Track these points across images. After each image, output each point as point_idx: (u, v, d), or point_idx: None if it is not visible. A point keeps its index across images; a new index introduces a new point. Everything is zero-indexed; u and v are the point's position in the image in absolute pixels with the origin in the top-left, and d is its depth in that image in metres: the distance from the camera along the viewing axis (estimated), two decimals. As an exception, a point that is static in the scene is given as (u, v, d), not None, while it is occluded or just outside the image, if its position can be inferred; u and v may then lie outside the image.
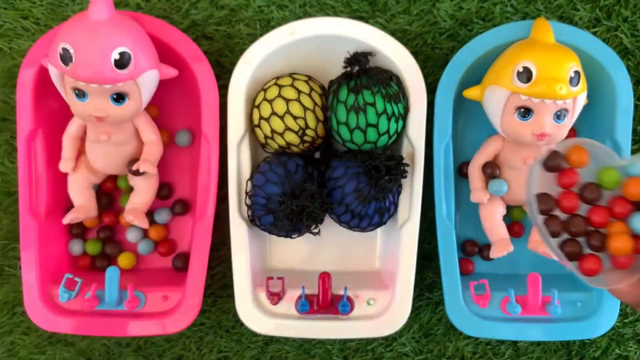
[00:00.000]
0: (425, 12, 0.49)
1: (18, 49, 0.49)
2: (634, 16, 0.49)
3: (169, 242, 0.50)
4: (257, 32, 0.49)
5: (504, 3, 0.49)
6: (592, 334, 0.46)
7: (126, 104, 0.42)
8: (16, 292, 0.50)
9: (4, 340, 0.51)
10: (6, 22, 0.49)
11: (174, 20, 0.49)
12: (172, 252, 0.50)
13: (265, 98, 0.44)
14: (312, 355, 0.51)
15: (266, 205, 0.43)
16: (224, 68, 0.49)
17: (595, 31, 0.49)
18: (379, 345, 0.51)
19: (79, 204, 0.46)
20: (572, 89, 0.41)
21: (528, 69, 0.41)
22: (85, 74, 0.39)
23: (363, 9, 0.49)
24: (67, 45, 0.39)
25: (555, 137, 0.42)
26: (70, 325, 0.45)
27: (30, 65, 0.44)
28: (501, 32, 0.45)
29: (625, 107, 0.45)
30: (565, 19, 0.49)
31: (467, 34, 0.49)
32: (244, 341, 0.51)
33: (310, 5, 0.49)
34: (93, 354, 0.51)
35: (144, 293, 0.45)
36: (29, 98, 0.45)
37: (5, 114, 0.50)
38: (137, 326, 0.45)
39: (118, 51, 0.39)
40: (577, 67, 0.41)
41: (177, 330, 0.45)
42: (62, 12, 0.49)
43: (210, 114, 0.45)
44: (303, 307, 0.44)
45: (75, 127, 0.45)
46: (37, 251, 0.45)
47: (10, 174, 0.50)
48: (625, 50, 0.49)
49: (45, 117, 0.46)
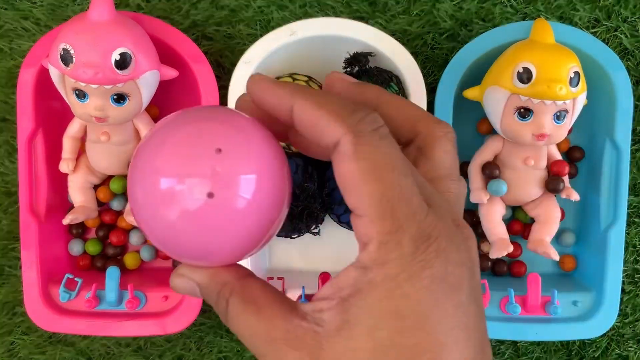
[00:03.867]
0: (425, 13, 0.49)
1: (18, 49, 0.49)
2: (634, 17, 0.49)
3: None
4: (257, 33, 0.49)
5: (504, 3, 0.49)
6: (592, 334, 0.46)
7: (127, 104, 0.42)
8: (16, 292, 0.50)
9: (4, 340, 0.51)
10: (6, 22, 0.49)
11: (174, 21, 0.49)
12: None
13: (266, 98, 0.44)
14: (312, 355, 0.51)
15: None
16: (224, 68, 0.49)
17: (595, 32, 0.49)
18: (379, 345, 0.51)
19: (79, 204, 0.46)
20: (572, 89, 0.41)
21: (528, 70, 0.41)
22: (85, 74, 0.39)
23: (363, 10, 0.49)
24: (67, 46, 0.39)
25: (555, 138, 0.43)
26: (70, 325, 0.45)
27: (30, 65, 0.44)
28: (501, 32, 0.45)
29: (624, 108, 0.45)
30: (565, 19, 0.49)
31: (467, 35, 0.49)
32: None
33: (310, 5, 0.49)
34: (93, 354, 0.51)
35: (144, 293, 0.45)
36: (30, 98, 0.45)
37: (6, 114, 0.50)
38: (138, 326, 0.45)
39: (118, 52, 0.39)
40: (577, 67, 0.41)
41: (178, 330, 0.45)
42: (63, 12, 0.49)
43: (210, 114, 0.45)
44: (303, 307, 0.44)
45: (76, 128, 0.45)
46: (38, 251, 0.45)
47: (11, 174, 0.50)
48: (625, 51, 0.49)
49: (46, 117, 0.46)
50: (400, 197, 0.18)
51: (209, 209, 0.19)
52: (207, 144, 0.20)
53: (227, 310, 0.21)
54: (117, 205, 0.49)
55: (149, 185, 0.20)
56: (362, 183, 0.18)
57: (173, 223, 0.20)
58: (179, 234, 0.20)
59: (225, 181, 0.19)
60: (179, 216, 0.20)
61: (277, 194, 0.21)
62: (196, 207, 0.19)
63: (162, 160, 0.20)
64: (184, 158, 0.20)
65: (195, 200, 0.19)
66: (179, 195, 0.19)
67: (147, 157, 0.20)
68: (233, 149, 0.20)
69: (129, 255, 0.49)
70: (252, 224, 0.20)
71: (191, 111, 0.21)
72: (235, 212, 0.20)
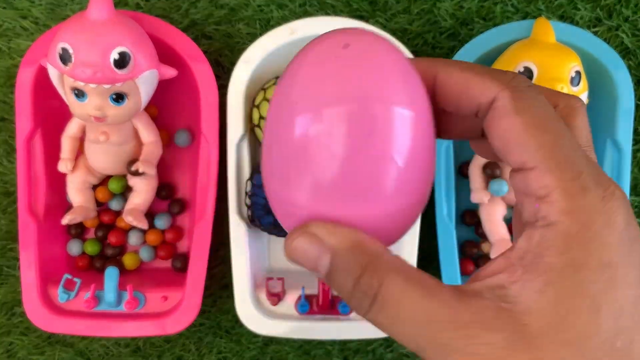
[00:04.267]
0: (426, 12, 0.49)
1: (17, 48, 0.49)
2: (635, 15, 0.49)
3: (168, 245, 0.50)
4: (257, 32, 0.49)
5: (505, 2, 0.49)
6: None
7: (126, 104, 0.41)
8: (15, 292, 0.50)
9: (2, 341, 0.50)
10: (5, 21, 0.49)
11: (173, 20, 0.49)
12: (172, 255, 0.50)
13: (265, 98, 0.43)
14: (312, 355, 0.51)
15: (266, 205, 0.43)
16: (223, 68, 0.49)
17: (596, 31, 0.49)
18: (379, 346, 0.51)
19: (77, 204, 0.46)
20: (573, 89, 0.41)
21: (529, 69, 0.40)
22: (84, 73, 0.39)
23: (363, 8, 0.49)
24: (66, 45, 0.39)
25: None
26: (69, 325, 0.45)
27: (29, 64, 0.44)
28: (502, 31, 0.45)
29: (626, 107, 0.45)
30: (566, 18, 0.49)
31: (468, 34, 0.49)
32: (243, 342, 0.51)
33: (310, 4, 0.49)
34: (92, 354, 0.51)
35: (143, 294, 0.45)
36: (28, 98, 0.44)
37: (4, 113, 0.49)
38: (137, 327, 0.45)
39: (117, 51, 0.39)
40: (578, 67, 0.41)
41: (177, 330, 0.44)
42: (62, 11, 0.49)
43: (209, 113, 0.45)
44: (303, 308, 0.44)
45: (74, 127, 0.45)
46: (36, 251, 0.45)
47: (9, 173, 0.50)
48: (627, 50, 0.49)
49: (44, 117, 0.46)
50: (572, 146, 0.18)
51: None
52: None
53: (378, 291, 0.17)
54: (116, 206, 0.49)
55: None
56: (528, 136, 0.17)
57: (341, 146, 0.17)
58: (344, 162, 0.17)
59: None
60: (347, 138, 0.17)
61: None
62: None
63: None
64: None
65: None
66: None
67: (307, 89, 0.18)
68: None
69: (128, 255, 0.49)
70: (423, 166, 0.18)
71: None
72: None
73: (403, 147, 0.18)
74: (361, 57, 0.18)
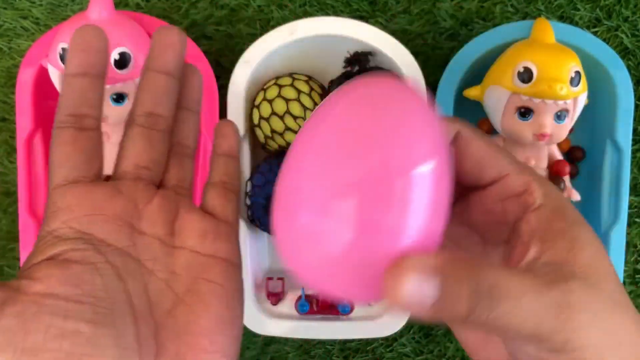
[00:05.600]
0: (426, 12, 0.49)
1: (17, 48, 0.49)
2: (635, 16, 0.49)
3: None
4: (257, 32, 0.49)
5: (505, 3, 0.49)
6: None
7: (126, 104, 0.41)
8: (15, 292, 0.50)
9: (3, 341, 0.50)
10: (5, 21, 0.49)
11: (173, 20, 0.49)
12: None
13: (265, 98, 0.44)
14: (312, 355, 0.51)
15: (266, 206, 0.43)
16: (223, 68, 0.49)
17: (595, 31, 0.49)
18: (379, 346, 0.51)
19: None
20: (573, 89, 0.41)
21: (528, 69, 0.40)
22: (84, 73, 0.39)
23: (363, 9, 0.49)
24: (66, 45, 0.39)
25: (556, 138, 0.42)
26: (69, 325, 0.45)
27: (29, 65, 0.44)
28: (501, 32, 0.45)
29: (625, 107, 0.45)
30: (566, 18, 0.49)
31: (468, 34, 0.49)
32: (243, 341, 0.51)
33: (310, 4, 0.49)
34: (92, 354, 0.51)
35: (143, 293, 0.45)
36: (29, 98, 0.44)
37: (5, 113, 0.50)
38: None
39: (118, 51, 0.39)
40: (578, 67, 0.41)
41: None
42: (62, 12, 0.49)
43: (209, 114, 0.45)
44: (303, 308, 0.44)
45: (75, 127, 0.45)
46: (37, 251, 0.45)
47: (10, 174, 0.50)
48: (626, 50, 0.49)
49: (45, 117, 0.46)
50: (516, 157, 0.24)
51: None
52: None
53: (498, 298, 0.18)
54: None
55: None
56: (496, 153, 0.23)
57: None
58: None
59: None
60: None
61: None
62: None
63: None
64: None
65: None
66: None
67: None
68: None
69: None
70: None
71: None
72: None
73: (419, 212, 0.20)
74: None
